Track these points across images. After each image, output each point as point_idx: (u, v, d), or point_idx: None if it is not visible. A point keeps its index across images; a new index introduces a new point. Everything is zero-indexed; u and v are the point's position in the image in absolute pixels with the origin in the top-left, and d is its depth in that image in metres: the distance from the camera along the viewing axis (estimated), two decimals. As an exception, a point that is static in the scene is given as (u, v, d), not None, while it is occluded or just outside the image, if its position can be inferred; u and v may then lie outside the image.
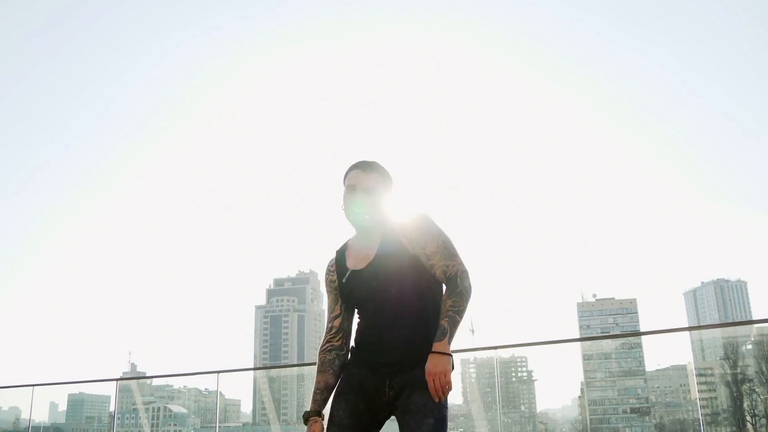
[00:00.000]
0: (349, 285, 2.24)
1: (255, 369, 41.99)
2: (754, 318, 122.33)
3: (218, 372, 7.45)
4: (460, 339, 2.51)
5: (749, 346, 7.44)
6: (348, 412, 2.08)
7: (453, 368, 2.04)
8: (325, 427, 2.11)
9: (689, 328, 13.51)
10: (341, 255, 2.30)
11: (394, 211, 2.25)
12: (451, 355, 2.02)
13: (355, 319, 2.33)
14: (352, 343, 2.27)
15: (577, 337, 66.32)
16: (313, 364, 2.41)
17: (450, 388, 2.00)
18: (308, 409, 2.17)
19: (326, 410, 2.19)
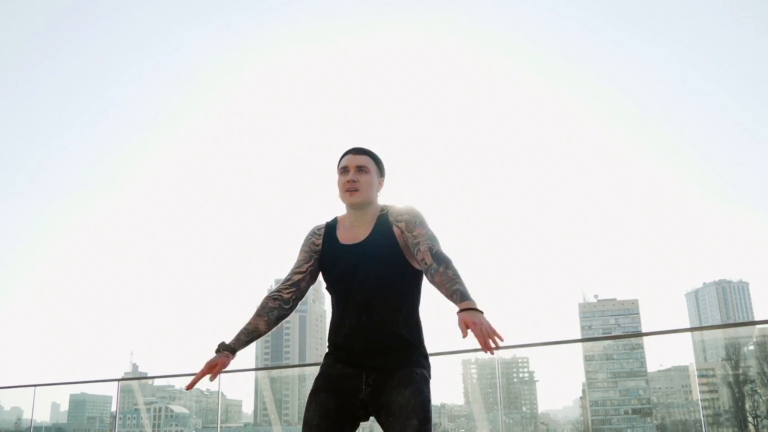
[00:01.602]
0: (334, 257, 2.22)
1: (256, 369, 41.92)
2: (756, 319, 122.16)
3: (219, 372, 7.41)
4: (460, 339, 2.48)
5: (751, 347, 7.41)
6: (318, 412, 2.04)
7: None
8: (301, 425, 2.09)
9: (691, 329, 13.46)
10: (332, 227, 2.29)
11: (386, 198, 2.26)
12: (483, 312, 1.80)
13: (328, 313, 2.25)
14: (329, 337, 2.19)
15: (579, 338, 66.11)
16: (315, 364, 2.38)
17: (500, 337, 1.73)
18: (225, 342, 2.12)
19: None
